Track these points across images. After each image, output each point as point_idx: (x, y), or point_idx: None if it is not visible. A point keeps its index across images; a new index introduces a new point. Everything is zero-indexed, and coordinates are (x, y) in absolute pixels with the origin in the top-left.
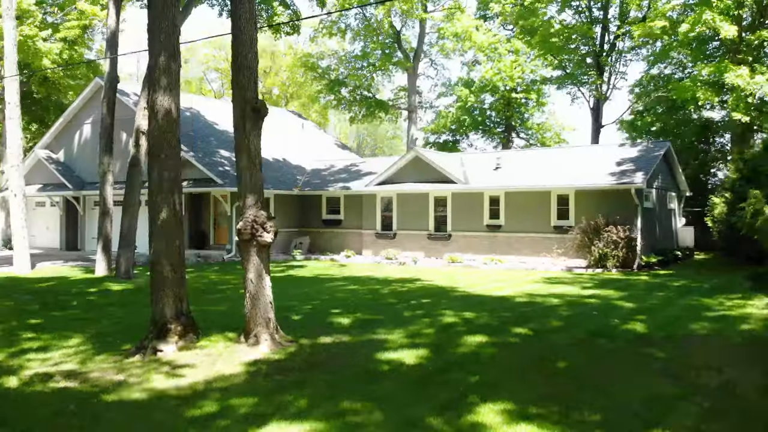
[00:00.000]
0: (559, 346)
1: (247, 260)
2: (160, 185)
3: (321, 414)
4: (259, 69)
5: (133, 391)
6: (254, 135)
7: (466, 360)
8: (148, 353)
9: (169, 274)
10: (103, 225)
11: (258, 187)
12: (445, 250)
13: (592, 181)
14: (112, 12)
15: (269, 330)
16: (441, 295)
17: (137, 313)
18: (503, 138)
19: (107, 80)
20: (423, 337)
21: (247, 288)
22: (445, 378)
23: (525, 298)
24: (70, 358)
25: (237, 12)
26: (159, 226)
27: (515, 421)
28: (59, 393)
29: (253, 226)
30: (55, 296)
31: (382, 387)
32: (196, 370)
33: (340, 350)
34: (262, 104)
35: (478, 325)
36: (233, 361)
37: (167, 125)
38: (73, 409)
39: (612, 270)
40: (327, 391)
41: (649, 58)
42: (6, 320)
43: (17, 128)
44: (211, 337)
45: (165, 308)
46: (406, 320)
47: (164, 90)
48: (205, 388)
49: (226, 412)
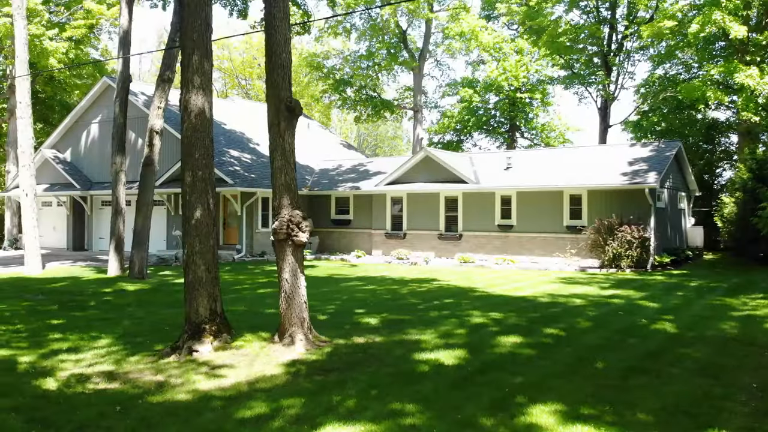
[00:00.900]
0: (593, 346)
1: (282, 260)
2: (193, 185)
3: (372, 415)
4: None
5: (177, 392)
6: (288, 134)
7: (504, 360)
8: (184, 353)
9: (203, 274)
10: (116, 225)
11: (293, 186)
12: (456, 250)
13: (605, 181)
14: (124, 11)
15: (304, 330)
16: (461, 296)
17: (157, 314)
18: (507, 138)
19: (120, 80)
20: (456, 338)
21: (282, 287)
22: (486, 378)
23: (547, 299)
24: (104, 359)
25: (271, 11)
26: (193, 225)
27: (570, 422)
28: (100, 394)
29: (288, 225)
30: (72, 296)
31: (425, 387)
32: (235, 371)
33: (376, 350)
34: (296, 103)
35: (508, 325)
36: (271, 361)
37: (201, 125)
38: (120, 411)
39: (626, 270)
40: (371, 391)
41: (654, 59)
42: (28, 321)
43: (28, 128)
44: (244, 337)
45: (200, 308)
46: (433, 321)
47: (197, 89)
48: (249, 389)
49: (276, 413)
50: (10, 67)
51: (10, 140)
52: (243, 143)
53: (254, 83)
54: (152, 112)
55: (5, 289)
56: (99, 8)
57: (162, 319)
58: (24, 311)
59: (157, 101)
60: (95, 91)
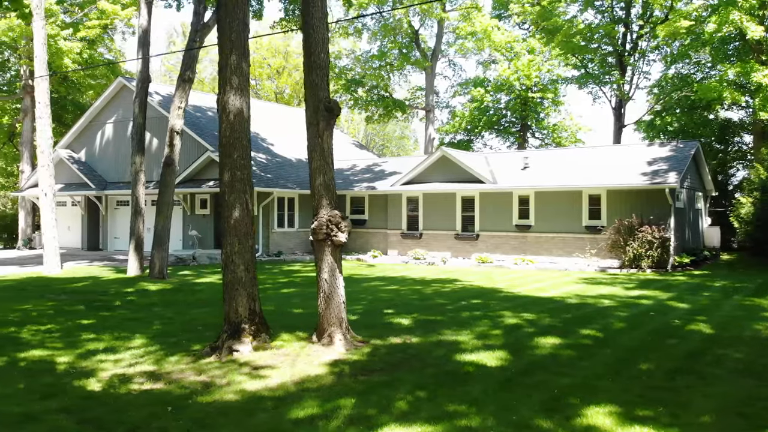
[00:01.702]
0: (632, 347)
1: (321, 260)
2: (232, 185)
3: (427, 416)
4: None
5: (224, 392)
6: (327, 134)
7: (546, 362)
8: (224, 353)
9: (242, 274)
10: (136, 225)
11: (331, 186)
12: (473, 251)
13: (625, 181)
14: (143, 11)
15: (342, 330)
16: (487, 296)
17: (185, 313)
18: (519, 138)
19: (139, 80)
20: (493, 339)
21: (321, 287)
22: (532, 380)
23: (575, 300)
24: (143, 359)
25: (309, 11)
26: (232, 225)
27: (628, 423)
28: (147, 395)
29: (328, 225)
30: (95, 296)
31: (473, 389)
32: (278, 371)
33: (415, 351)
34: (335, 103)
35: (542, 326)
36: (312, 361)
37: (239, 125)
38: (172, 412)
39: (646, 270)
40: (420, 392)
41: (666, 59)
42: (57, 321)
43: (47, 127)
44: (282, 337)
45: (239, 308)
46: (466, 321)
47: (236, 90)
48: (297, 389)
49: (330, 414)
50: (23, 67)
51: (23, 140)
52: (257, 143)
53: (263, 83)
54: (172, 112)
55: (27, 289)
56: (113, 8)
57: (192, 319)
58: (51, 311)
59: (177, 101)
60: (110, 92)
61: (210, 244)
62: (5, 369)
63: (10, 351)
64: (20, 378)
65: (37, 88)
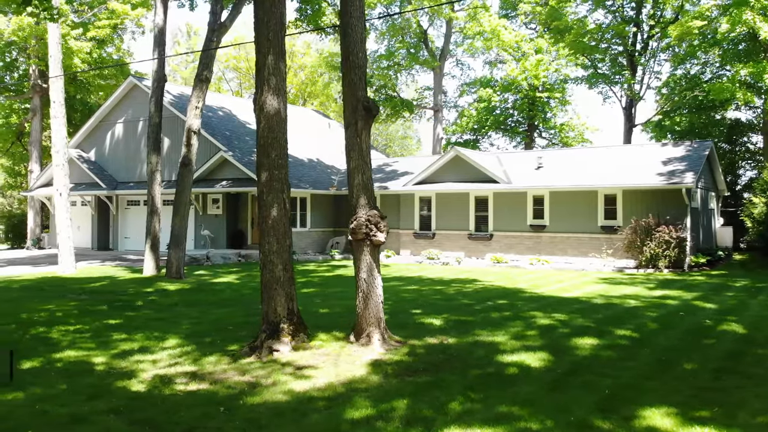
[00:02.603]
0: (670, 347)
1: (360, 259)
2: (270, 185)
3: (483, 418)
4: None
5: (273, 392)
6: (365, 133)
7: (589, 362)
8: (264, 353)
9: (281, 273)
10: (152, 224)
11: (370, 186)
12: (486, 251)
13: (641, 181)
14: (159, 10)
15: (380, 330)
16: (512, 297)
17: (210, 313)
18: (526, 137)
19: (155, 79)
20: (530, 340)
21: (359, 287)
22: (579, 380)
23: (601, 300)
24: (181, 360)
25: (347, 9)
26: (270, 225)
27: (688, 424)
28: (194, 395)
29: (367, 225)
30: (116, 296)
31: (522, 390)
32: (322, 371)
33: (454, 352)
34: (373, 103)
35: (576, 327)
36: (354, 361)
37: (277, 125)
38: (224, 412)
39: (663, 270)
40: (470, 393)
41: (674, 59)
42: (84, 321)
43: (62, 127)
44: (319, 337)
45: (278, 307)
46: (498, 322)
47: (273, 90)
48: (345, 390)
49: (385, 415)
50: (33, 67)
51: (32, 140)
52: None
53: None
54: (189, 111)
55: (45, 289)
56: (124, 8)
57: (219, 319)
58: (75, 311)
59: (194, 101)
60: (121, 91)
61: (223, 243)
62: (43, 370)
63: (44, 351)
64: (59, 378)
65: (51, 87)
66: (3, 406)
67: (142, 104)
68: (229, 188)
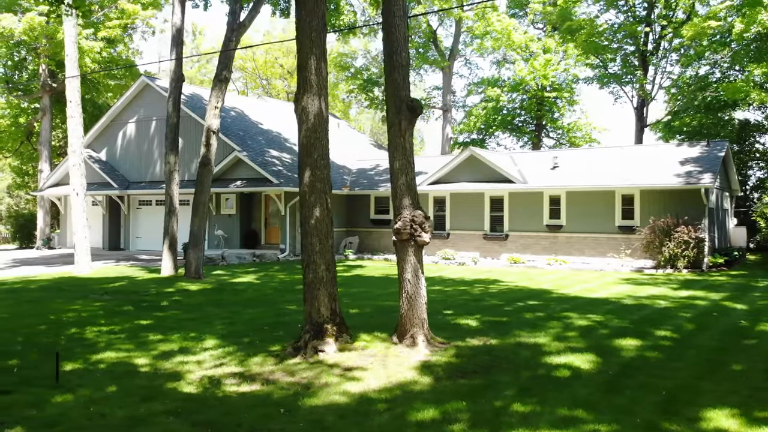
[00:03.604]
0: (713, 348)
1: (404, 260)
2: (313, 185)
3: (549, 420)
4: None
5: (329, 394)
6: (409, 133)
7: (638, 364)
8: (309, 354)
9: (324, 273)
10: (170, 224)
11: (413, 186)
12: (501, 251)
13: (659, 181)
14: (177, 9)
15: (424, 331)
16: (539, 297)
17: (241, 313)
18: (534, 137)
19: (173, 79)
20: (572, 341)
21: (404, 288)
22: (634, 382)
23: (629, 300)
24: (225, 360)
25: (390, 9)
26: (312, 225)
27: (756, 425)
28: (250, 397)
29: (411, 225)
30: (139, 296)
31: (579, 392)
32: (372, 373)
33: (500, 353)
34: (417, 103)
35: (614, 327)
36: (402, 362)
37: (319, 125)
38: (285, 413)
39: (682, 270)
40: (528, 396)
41: (682, 59)
42: (114, 322)
43: (79, 126)
44: (362, 338)
45: (321, 308)
46: (534, 323)
47: (315, 90)
48: (401, 392)
49: (449, 417)
50: (42, 66)
51: (42, 140)
52: (281, 143)
53: (274, 84)
54: (209, 111)
55: (66, 290)
56: (134, 8)
57: (251, 319)
58: (101, 311)
59: (213, 101)
60: (132, 91)
61: (236, 243)
62: (86, 371)
63: (83, 353)
64: (105, 380)
65: (68, 86)
66: (55, 408)
67: (153, 104)
68: (244, 188)
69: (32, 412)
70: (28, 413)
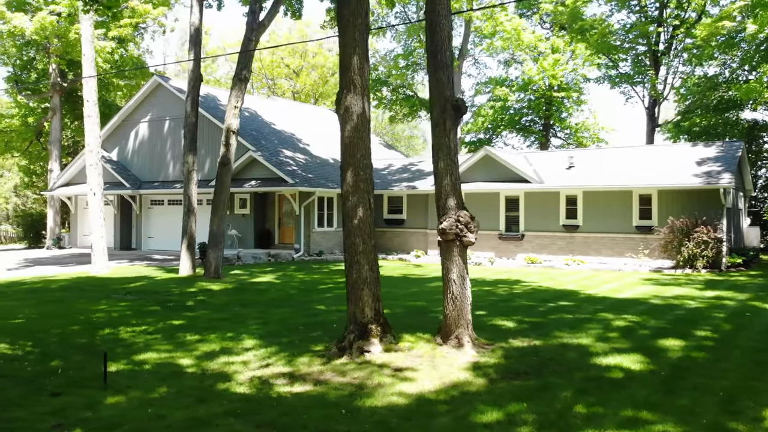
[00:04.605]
0: (757, 348)
1: (450, 260)
2: (356, 185)
3: (616, 422)
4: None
5: (384, 394)
6: (453, 133)
7: (688, 364)
8: (355, 354)
9: (367, 273)
10: (188, 224)
11: (458, 186)
12: (517, 251)
13: (677, 181)
14: (195, 9)
15: (469, 332)
16: (567, 298)
17: (270, 313)
18: (542, 137)
19: (191, 79)
20: (615, 342)
21: (449, 288)
22: (689, 383)
23: (658, 301)
24: (270, 360)
25: (435, 8)
26: (356, 225)
27: None
28: (305, 397)
29: (457, 225)
30: (162, 296)
31: (638, 393)
32: (423, 374)
33: (546, 354)
34: (462, 102)
35: (653, 328)
36: (451, 363)
37: (362, 125)
38: (347, 414)
39: (701, 270)
40: (587, 397)
41: (691, 59)
42: (146, 322)
43: (96, 126)
44: (405, 338)
45: (365, 308)
46: (571, 324)
47: (358, 90)
48: (458, 393)
49: (513, 419)
50: (53, 66)
51: (52, 139)
52: (294, 143)
53: (280, 84)
54: (228, 111)
55: (88, 290)
56: (145, 8)
57: (283, 319)
58: (129, 311)
59: (233, 101)
60: (144, 91)
61: (250, 243)
62: (132, 372)
63: (124, 353)
64: (154, 381)
65: (85, 85)
66: (110, 410)
67: (166, 104)
68: (258, 188)
69: (88, 413)
70: (84, 415)
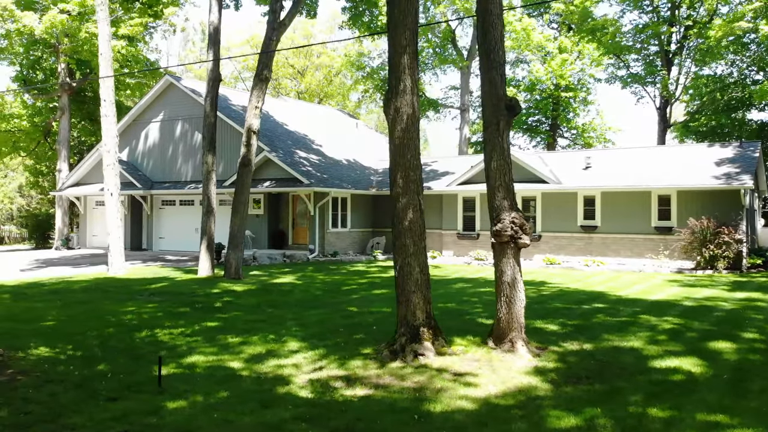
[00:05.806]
0: None
1: (503, 263)
2: (406, 186)
3: (695, 426)
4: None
5: (452, 399)
6: (506, 133)
7: (747, 366)
8: (409, 357)
9: (418, 276)
10: (208, 224)
11: (512, 188)
12: (534, 252)
13: (697, 181)
14: (214, 8)
15: (522, 335)
16: (600, 300)
17: (303, 314)
18: (549, 137)
19: (210, 78)
20: (666, 345)
21: (502, 291)
22: (756, 386)
23: (691, 302)
24: (322, 363)
25: (488, 8)
26: (406, 227)
27: None
28: (371, 401)
29: (512, 227)
30: (188, 297)
31: (708, 397)
32: (484, 378)
33: (602, 358)
34: (515, 101)
35: (699, 330)
36: (510, 367)
37: (412, 125)
38: (420, 420)
39: (722, 271)
40: (659, 402)
41: (698, 60)
42: (180, 324)
43: (113, 126)
44: (457, 342)
45: (417, 311)
46: (616, 327)
47: (408, 90)
48: (525, 397)
49: (590, 424)
50: (62, 65)
51: (60, 139)
52: (307, 144)
53: (284, 84)
54: (249, 111)
55: (110, 291)
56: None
57: (320, 321)
58: (160, 313)
59: (254, 100)
60: (155, 90)
61: (264, 244)
62: (184, 376)
63: (169, 356)
64: (211, 385)
65: (102, 85)
66: (174, 415)
67: (178, 104)
68: (273, 188)
69: (153, 419)
70: (149, 420)
